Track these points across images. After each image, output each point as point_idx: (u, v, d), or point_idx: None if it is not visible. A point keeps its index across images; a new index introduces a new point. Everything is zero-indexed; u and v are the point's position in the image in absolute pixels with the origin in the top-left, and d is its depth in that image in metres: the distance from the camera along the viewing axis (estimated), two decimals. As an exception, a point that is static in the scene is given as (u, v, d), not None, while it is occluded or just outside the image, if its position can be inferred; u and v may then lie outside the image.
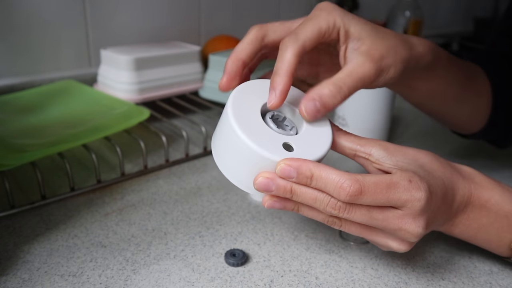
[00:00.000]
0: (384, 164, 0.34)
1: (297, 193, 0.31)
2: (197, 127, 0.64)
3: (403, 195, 0.31)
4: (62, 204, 0.47)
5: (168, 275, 0.37)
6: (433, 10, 1.42)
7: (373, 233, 0.34)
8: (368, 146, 0.34)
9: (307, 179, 0.30)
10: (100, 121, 0.56)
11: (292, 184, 0.31)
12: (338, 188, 0.30)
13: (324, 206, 0.31)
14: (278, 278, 0.37)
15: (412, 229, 0.32)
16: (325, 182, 0.30)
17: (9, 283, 0.35)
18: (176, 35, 0.85)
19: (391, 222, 0.32)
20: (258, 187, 0.31)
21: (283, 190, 0.31)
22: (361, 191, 0.30)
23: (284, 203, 0.33)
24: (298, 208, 0.33)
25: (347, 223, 0.33)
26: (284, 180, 0.31)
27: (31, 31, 0.69)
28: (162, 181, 0.53)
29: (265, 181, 0.31)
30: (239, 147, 0.30)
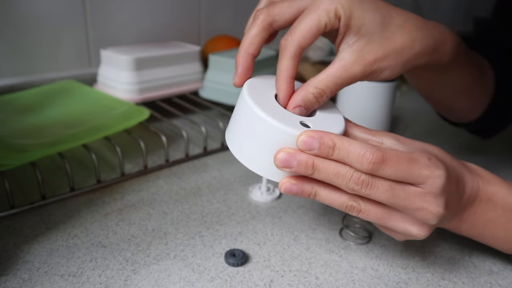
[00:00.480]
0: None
1: (319, 168, 0.30)
2: (197, 127, 0.64)
3: (423, 171, 0.31)
4: (62, 204, 0.47)
5: (168, 275, 0.37)
6: (433, 10, 1.42)
7: (393, 217, 0.33)
8: (380, 136, 0.34)
9: (329, 149, 0.30)
10: (100, 121, 0.56)
11: (314, 158, 0.30)
12: (361, 157, 0.29)
13: (346, 182, 0.30)
14: (278, 278, 0.37)
15: (434, 208, 0.31)
16: (347, 151, 0.30)
17: (9, 283, 0.35)
18: (176, 35, 0.85)
19: (413, 200, 0.31)
20: (279, 163, 0.30)
21: (304, 165, 0.30)
22: (384, 159, 0.29)
23: (302, 186, 0.32)
24: (316, 192, 0.32)
25: (367, 206, 0.32)
26: (306, 155, 0.30)
27: (31, 31, 0.69)
28: (162, 181, 0.53)
29: (286, 156, 0.30)
30: (258, 126, 0.30)
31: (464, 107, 0.50)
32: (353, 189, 0.31)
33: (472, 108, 0.51)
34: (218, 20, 0.91)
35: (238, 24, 0.94)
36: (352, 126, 0.35)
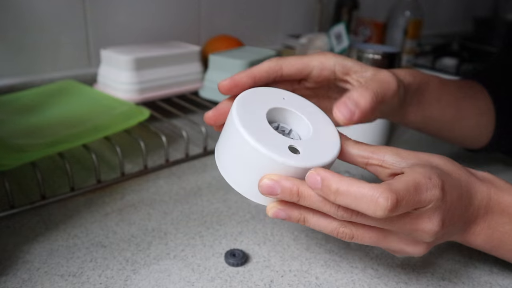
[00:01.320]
0: (398, 168, 0.33)
1: (305, 195, 0.29)
2: (197, 127, 0.64)
3: (427, 195, 0.29)
4: (62, 204, 0.47)
5: (168, 275, 0.37)
6: (433, 10, 1.42)
7: (387, 240, 0.32)
8: (380, 153, 0.33)
9: (331, 194, 0.28)
10: (100, 121, 0.56)
11: (300, 185, 0.29)
12: (374, 203, 0.27)
13: (335, 210, 0.29)
14: (278, 278, 0.37)
15: (429, 229, 0.30)
16: (355, 197, 0.27)
17: (9, 283, 0.35)
18: (176, 35, 0.85)
19: (407, 222, 0.30)
20: (262, 190, 0.29)
21: (289, 192, 0.29)
22: (398, 202, 0.27)
23: (289, 211, 0.31)
24: (304, 218, 0.31)
25: (359, 233, 0.31)
26: (291, 181, 0.29)
27: (31, 31, 0.69)
28: (162, 181, 0.53)
29: (270, 183, 0.29)
30: (243, 149, 0.29)
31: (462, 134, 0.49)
32: (342, 217, 0.29)
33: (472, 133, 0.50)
34: (218, 20, 0.91)
35: (238, 24, 0.94)
36: (350, 143, 0.34)
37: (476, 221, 0.34)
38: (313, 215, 0.31)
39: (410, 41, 1.02)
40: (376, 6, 1.19)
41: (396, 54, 0.60)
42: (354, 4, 1.03)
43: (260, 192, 0.30)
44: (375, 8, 1.18)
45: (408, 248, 0.32)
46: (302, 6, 1.05)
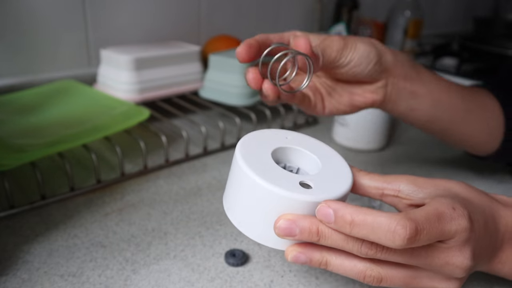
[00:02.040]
0: (415, 198, 0.31)
1: (325, 234, 0.27)
2: (197, 127, 0.64)
3: (452, 226, 0.28)
4: (62, 204, 0.47)
5: (168, 275, 0.37)
6: (433, 10, 1.42)
7: (418, 279, 0.30)
8: (395, 182, 0.32)
9: (346, 225, 0.26)
10: (100, 121, 0.56)
11: (319, 224, 0.27)
12: (391, 232, 0.25)
13: (358, 247, 0.27)
14: (278, 278, 0.37)
15: (461, 262, 0.28)
16: (371, 227, 0.26)
17: (9, 283, 0.35)
18: (176, 35, 0.85)
19: (436, 257, 0.28)
20: (279, 232, 0.27)
21: (308, 232, 0.27)
22: (417, 231, 0.26)
23: (310, 254, 0.29)
24: (327, 261, 0.29)
25: (388, 273, 0.29)
26: (309, 220, 0.27)
27: (31, 31, 0.69)
28: (162, 181, 0.53)
29: (287, 223, 0.27)
30: (253, 191, 0.28)
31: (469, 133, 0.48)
32: (367, 254, 0.27)
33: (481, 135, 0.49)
34: (218, 20, 0.91)
35: (238, 24, 0.94)
36: (362, 174, 0.32)
37: (502, 248, 0.33)
38: (336, 256, 0.29)
39: (410, 41, 1.02)
40: (376, 6, 1.19)
41: (396, 54, 0.60)
42: (354, 4, 1.03)
43: (277, 234, 0.28)
44: (375, 8, 1.18)
45: (441, 286, 0.30)
46: (302, 6, 1.05)
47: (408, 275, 0.29)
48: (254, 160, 0.29)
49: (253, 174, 0.28)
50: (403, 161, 0.62)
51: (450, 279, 0.30)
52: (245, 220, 0.29)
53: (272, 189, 0.27)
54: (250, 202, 0.28)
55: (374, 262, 0.29)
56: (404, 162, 0.61)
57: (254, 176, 0.27)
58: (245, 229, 0.30)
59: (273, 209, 0.28)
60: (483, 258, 0.31)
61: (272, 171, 0.29)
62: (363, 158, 0.62)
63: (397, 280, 0.29)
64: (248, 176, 0.28)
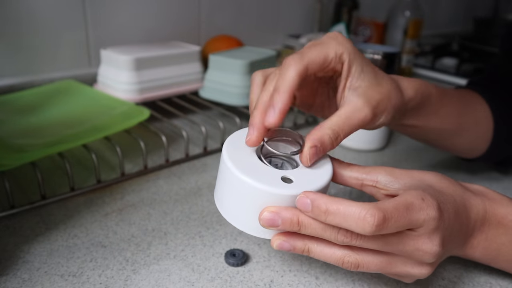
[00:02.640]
0: (392, 189, 0.33)
1: (305, 223, 0.30)
2: (197, 127, 0.64)
3: (420, 215, 0.30)
4: (62, 204, 0.47)
5: (168, 275, 0.37)
6: (433, 10, 1.42)
7: (393, 264, 0.31)
8: (373, 173, 0.34)
9: (321, 214, 0.29)
10: (100, 121, 0.56)
11: (299, 214, 0.30)
12: (361, 220, 0.28)
13: (335, 235, 0.30)
14: (278, 278, 0.37)
15: (429, 248, 0.30)
16: (344, 215, 0.28)
17: (9, 283, 0.35)
18: (176, 35, 0.85)
19: (407, 243, 0.30)
20: (263, 223, 0.30)
21: (289, 222, 0.30)
22: (385, 219, 0.28)
23: (293, 242, 0.31)
24: (309, 249, 0.31)
25: (364, 259, 0.31)
26: (290, 211, 0.30)
27: (31, 31, 0.69)
28: (162, 181, 0.53)
29: (270, 215, 0.30)
30: (238, 187, 0.30)
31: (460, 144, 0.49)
32: (343, 242, 0.30)
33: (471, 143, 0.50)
34: (218, 20, 0.91)
35: (238, 24, 0.94)
36: (343, 166, 0.34)
37: (473, 234, 0.35)
38: (317, 244, 0.31)
39: (410, 41, 1.02)
40: (376, 6, 1.19)
41: (396, 54, 0.60)
42: (354, 4, 1.03)
43: (261, 225, 0.30)
44: (375, 8, 1.18)
45: (413, 270, 0.32)
46: (302, 6, 1.05)
47: (383, 261, 0.31)
48: (239, 158, 0.32)
49: (238, 172, 0.30)
50: (403, 161, 0.62)
51: (422, 264, 0.32)
52: (233, 213, 0.32)
53: (256, 185, 0.29)
54: (237, 197, 0.31)
55: (351, 249, 0.31)
56: (404, 162, 0.61)
57: (239, 173, 0.30)
58: (234, 221, 0.32)
59: (257, 203, 0.30)
60: (454, 244, 0.33)
61: (256, 168, 0.31)
62: (363, 158, 0.62)
63: (373, 266, 0.31)
64: (233, 174, 0.30)
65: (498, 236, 0.35)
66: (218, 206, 0.33)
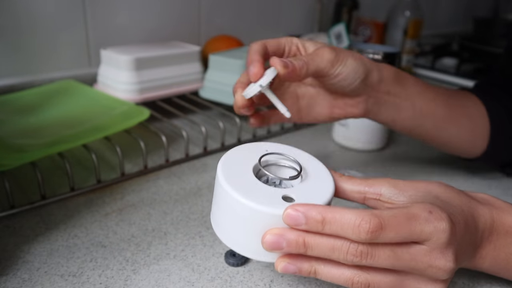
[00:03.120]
0: (397, 202, 0.32)
1: (311, 245, 0.28)
2: (197, 127, 0.64)
3: (426, 227, 0.28)
4: (62, 204, 0.47)
5: (168, 275, 0.37)
6: (433, 10, 1.42)
7: (405, 282, 0.30)
8: (376, 186, 0.33)
9: (318, 224, 0.28)
10: (100, 121, 0.56)
11: (305, 235, 0.28)
12: (357, 227, 0.27)
13: (344, 255, 0.28)
14: (278, 278, 0.37)
15: (443, 265, 0.29)
16: (340, 224, 0.27)
17: (9, 283, 0.35)
18: (176, 35, 0.85)
19: (419, 260, 0.29)
20: (267, 246, 0.28)
21: (295, 244, 0.28)
22: (381, 226, 0.27)
23: (299, 264, 0.29)
24: (315, 270, 0.30)
25: (375, 278, 0.29)
26: (295, 233, 0.28)
27: (31, 31, 0.69)
28: (162, 181, 0.53)
29: (274, 238, 0.28)
30: (237, 210, 0.29)
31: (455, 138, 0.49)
32: (353, 261, 0.28)
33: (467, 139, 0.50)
34: (218, 20, 0.91)
35: (238, 24, 0.94)
36: (343, 180, 0.33)
37: (482, 244, 0.34)
38: (324, 265, 0.30)
39: (410, 41, 1.02)
40: (376, 6, 1.19)
41: (396, 54, 0.60)
42: (354, 4, 1.03)
43: (265, 248, 0.29)
44: (375, 8, 1.18)
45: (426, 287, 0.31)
46: (302, 6, 1.05)
47: (395, 280, 0.30)
48: (236, 179, 0.30)
49: (236, 194, 0.28)
50: (403, 161, 0.62)
51: (436, 281, 0.31)
52: (233, 237, 0.30)
53: (256, 207, 0.28)
54: (236, 220, 0.29)
55: (361, 268, 0.29)
56: (404, 162, 0.61)
57: (237, 196, 0.28)
58: (235, 246, 0.31)
59: (259, 226, 0.28)
60: (465, 256, 0.32)
61: (255, 188, 0.29)
62: (363, 158, 0.62)
63: (384, 285, 0.30)
64: (231, 197, 0.29)
65: (507, 246, 0.34)
66: (216, 231, 0.32)
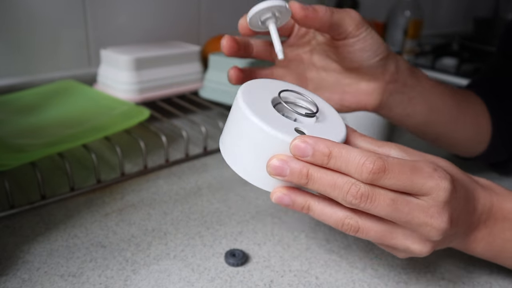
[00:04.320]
0: None
1: (314, 177, 0.28)
2: (197, 127, 0.64)
3: (428, 181, 0.28)
4: (62, 204, 0.47)
5: (168, 275, 0.37)
6: (433, 10, 1.42)
7: (394, 235, 0.30)
8: (386, 147, 0.33)
9: (324, 157, 0.28)
10: (100, 121, 0.56)
11: (309, 167, 0.28)
12: (361, 166, 0.27)
13: (343, 195, 0.28)
14: (278, 278, 0.37)
15: (438, 224, 0.29)
16: (346, 160, 0.27)
17: (9, 283, 0.35)
18: (176, 35, 0.85)
19: (416, 215, 0.29)
20: (271, 170, 0.28)
21: (298, 173, 0.28)
22: (385, 168, 0.27)
23: (294, 196, 0.29)
24: (309, 206, 0.30)
25: (365, 224, 0.29)
26: (301, 163, 0.28)
27: (31, 30, 0.69)
28: (162, 181, 0.53)
29: (279, 163, 0.28)
30: (251, 132, 0.29)
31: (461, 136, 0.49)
32: (351, 203, 0.28)
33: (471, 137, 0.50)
34: (218, 20, 0.91)
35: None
36: (356, 135, 0.33)
37: (478, 227, 0.34)
38: (319, 202, 0.30)
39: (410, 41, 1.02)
40: (376, 6, 1.19)
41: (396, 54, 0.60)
42: (354, 4, 1.03)
43: (269, 172, 0.29)
44: (375, 8, 1.18)
45: (414, 246, 0.31)
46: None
47: (385, 229, 0.30)
48: (255, 104, 0.30)
49: (252, 114, 0.29)
50: (403, 161, 0.62)
51: (425, 241, 0.31)
52: (238, 159, 0.31)
53: (269, 131, 0.28)
54: (245, 141, 0.30)
55: (354, 211, 0.29)
56: (404, 162, 0.61)
57: (253, 117, 0.29)
58: (237, 167, 0.31)
59: (267, 150, 0.29)
60: (459, 231, 0.32)
61: (271, 115, 0.30)
62: (363, 158, 0.62)
63: (372, 233, 0.30)
64: (246, 116, 0.29)
65: (503, 232, 0.34)
66: (222, 151, 0.32)
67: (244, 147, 0.30)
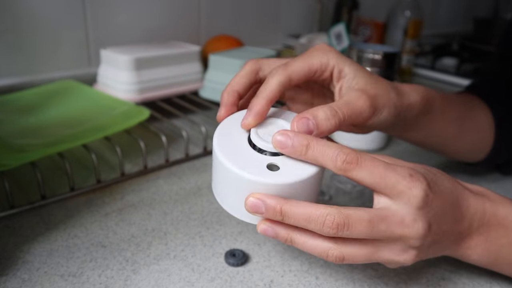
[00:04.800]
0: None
1: (288, 213, 0.29)
2: (197, 127, 0.64)
3: (401, 181, 0.29)
4: (62, 204, 0.47)
5: (168, 275, 0.37)
6: (433, 10, 1.42)
7: (378, 253, 0.31)
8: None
9: (303, 148, 0.30)
10: (100, 121, 0.56)
11: (283, 204, 0.29)
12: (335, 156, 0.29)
13: (320, 227, 0.29)
14: (278, 278, 0.37)
15: (415, 231, 0.30)
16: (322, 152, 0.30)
17: (9, 283, 0.35)
18: (176, 35, 0.85)
19: (394, 230, 0.29)
20: (249, 208, 0.30)
21: (272, 211, 0.30)
22: (357, 161, 0.29)
23: (276, 230, 0.31)
24: (292, 238, 0.31)
25: (349, 250, 0.30)
26: (274, 200, 0.30)
27: (31, 30, 0.69)
28: (162, 181, 0.53)
29: (255, 201, 0.30)
30: (224, 173, 0.31)
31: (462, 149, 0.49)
32: (329, 233, 0.29)
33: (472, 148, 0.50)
34: (218, 20, 0.91)
35: (238, 24, 0.94)
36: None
37: (470, 235, 0.34)
38: (300, 235, 0.31)
39: (410, 41, 1.02)
40: (376, 6, 1.19)
41: (396, 54, 0.60)
42: (354, 4, 1.03)
43: (247, 210, 0.31)
44: (375, 8, 1.18)
45: (398, 257, 0.31)
46: (302, 6, 1.05)
47: (369, 251, 0.31)
48: (229, 146, 0.32)
49: (224, 159, 0.31)
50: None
51: (407, 250, 0.31)
52: (223, 197, 0.33)
53: (239, 173, 0.30)
54: (225, 183, 0.32)
55: (336, 241, 0.30)
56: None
57: (226, 162, 0.31)
58: (224, 205, 0.33)
59: (244, 190, 0.31)
60: (446, 239, 0.33)
61: (245, 155, 0.32)
62: (363, 158, 0.62)
63: (358, 258, 0.31)
64: (220, 161, 0.31)
65: (499, 238, 0.34)
66: (213, 190, 0.34)
67: (225, 188, 0.32)
